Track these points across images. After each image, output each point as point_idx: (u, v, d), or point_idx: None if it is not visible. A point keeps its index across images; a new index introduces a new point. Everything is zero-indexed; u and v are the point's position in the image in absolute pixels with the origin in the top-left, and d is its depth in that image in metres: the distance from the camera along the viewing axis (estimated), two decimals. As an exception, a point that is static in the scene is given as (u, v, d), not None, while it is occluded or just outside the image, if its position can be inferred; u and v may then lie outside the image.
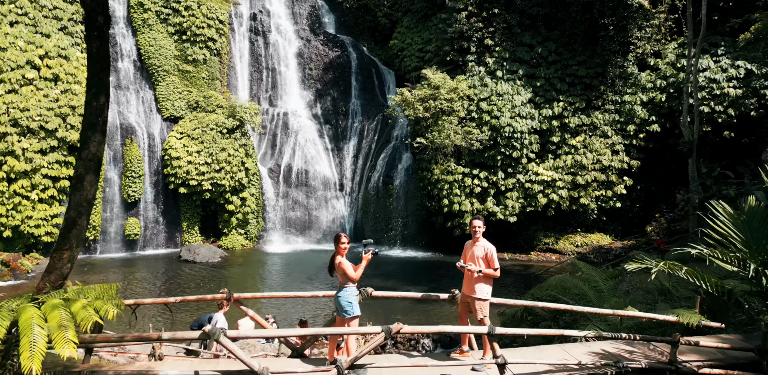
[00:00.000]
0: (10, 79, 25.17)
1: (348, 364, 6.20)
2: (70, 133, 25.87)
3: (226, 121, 29.33)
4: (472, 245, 7.36)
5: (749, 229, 6.15)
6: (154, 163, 29.05)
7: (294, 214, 30.91)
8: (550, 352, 7.51)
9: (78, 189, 6.08)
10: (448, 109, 27.05)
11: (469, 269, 7.14)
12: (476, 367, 6.83)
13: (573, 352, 7.41)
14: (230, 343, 5.74)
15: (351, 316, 6.75)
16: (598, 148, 27.28)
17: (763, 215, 6.17)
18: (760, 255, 5.88)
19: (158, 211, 29.01)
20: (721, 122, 25.53)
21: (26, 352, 4.47)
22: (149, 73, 30.02)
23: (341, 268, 6.88)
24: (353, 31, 36.00)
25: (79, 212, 6.10)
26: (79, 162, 5.97)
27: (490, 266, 7.09)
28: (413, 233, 29.15)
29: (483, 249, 7.19)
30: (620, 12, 26.47)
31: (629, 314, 7.79)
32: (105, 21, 5.93)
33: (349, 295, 6.82)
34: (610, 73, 27.41)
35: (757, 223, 6.15)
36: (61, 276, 5.71)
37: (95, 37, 5.93)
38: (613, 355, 7.18)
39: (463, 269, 7.26)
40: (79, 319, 4.81)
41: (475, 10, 28.51)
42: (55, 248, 5.91)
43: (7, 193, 24.74)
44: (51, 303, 4.89)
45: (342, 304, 6.79)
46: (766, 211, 6.17)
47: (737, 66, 25.40)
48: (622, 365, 6.83)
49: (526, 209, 27.45)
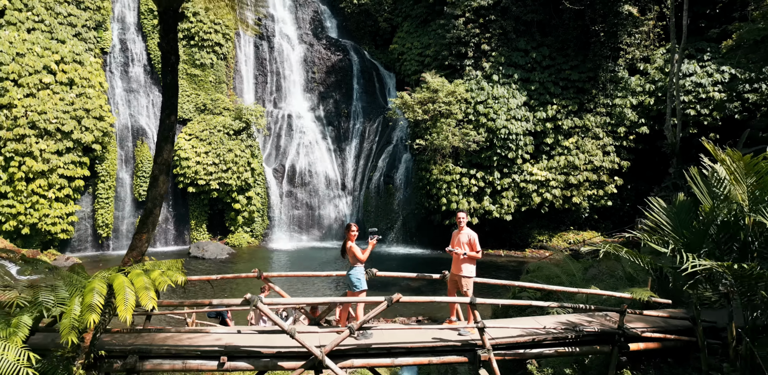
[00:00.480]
0: (28, 83, 26.87)
1: (357, 326, 7.90)
2: (85, 135, 27.55)
3: (232, 123, 31.04)
4: (457, 233, 9.05)
5: (678, 219, 7.82)
6: (164, 164, 30.71)
7: (298, 213, 32.61)
8: (523, 321, 9.22)
9: (154, 186, 7.82)
10: (447, 112, 28.73)
11: (456, 252, 8.84)
12: (462, 332, 8.53)
13: (542, 322, 9.10)
14: (265, 307, 7.44)
15: (359, 289, 8.44)
16: (590, 149, 28.96)
17: (689, 207, 7.86)
18: (681, 238, 7.55)
19: (168, 209, 30.70)
20: (706, 125, 27.22)
21: (121, 306, 6.15)
22: (159, 76, 31.71)
23: (351, 252, 8.57)
24: (355, 36, 37.70)
25: (154, 204, 7.82)
26: (155, 166, 7.70)
27: (473, 249, 8.78)
28: (413, 231, 30.85)
29: (467, 236, 8.88)
30: (611, 19, 28.17)
31: (591, 292, 9.48)
32: (176, 59, 7.63)
33: (358, 273, 8.51)
34: (602, 77, 29.10)
35: (684, 214, 7.81)
36: (141, 252, 7.42)
37: (168, 72, 7.66)
38: (574, 324, 8.88)
39: (451, 253, 8.95)
40: (157, 283, 6.48)
41: (472, 17, 30.20)
42: (136, 231, 7.62)
43: (26, 192, 26.42)
44: (135, 272, 6.56)
45: (352, 280, 8.48)
46: (690, 205, 7.85)
47: (722, 71, 27.09)
48: (580, 330, 8.54)
49: (521, 208, 29.13)
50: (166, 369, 7.49)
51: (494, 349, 8.13)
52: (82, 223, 28.60)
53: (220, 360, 7.55)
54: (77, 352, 6.52)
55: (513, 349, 8.42)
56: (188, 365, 7.55)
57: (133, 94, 31.20)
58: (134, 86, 31.32)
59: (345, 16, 37.64)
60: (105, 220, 28.92)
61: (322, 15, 37.93)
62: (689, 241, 7.42)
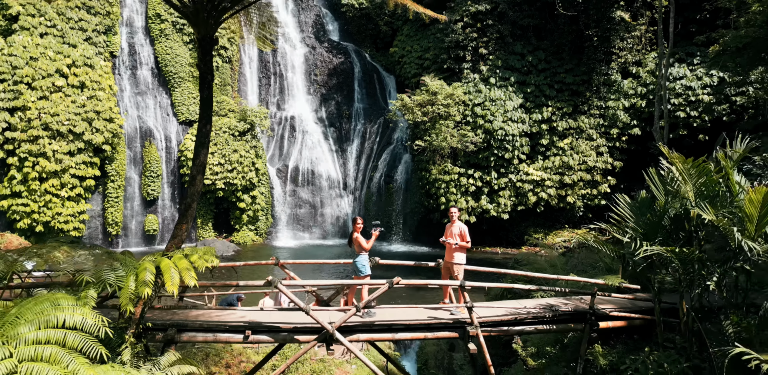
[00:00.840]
0: (42, 86, 28.26)
1: (362, 305, 9.28)
2: (95, 136, 28.93)
3: (237, 125, 32.43)
4: (450, 226, 10.44)
5: (638, 212, 9.18)
6: (171, 164, 32.15)
7: (301, 212, 34.01)
8: (508, 303, 10.61)
9: (192, 184, 9.23)
10: (445, 114, 30.12)
11: (448, 242, 10.22)
12: (453, 312, 9.92)
13: (525, 304, 10.50)
14: (285, 287, 8.83)
15: (364, 274, 9.82)
16: (584, 150, 30.34)
17: (649, 203, 9.22)
18: (640, 229, 8.91)
19: (175, 208, 32.11)
20: (696, 126, 28.62)
21: (168, 282, 7.53)
22: (166, 79, 33.14)
23: (357, 242, 9.97)
24: (356, 39, 39.10)
25: (192, 199, 9.22)
26: (193, 167, 9.09)
27: (463, 240, 10.17)
28: (413, 229, 32.26)
29: (458, 228, 10.27)
30: (604, 24, 29.57)
31: (569, 278, 10.88)
32: (211, 78, 9.02)
33: (363, 260, 9.90)
34: (595, 80, 30.50)
35: (643, 208, 9.17)
36: (181, 240, 8.81)
37: (205, 88, 9.05)
38: (552, 305, 10.27)
39: (444, 243, 10.34)
40: (197, 265, 7.87)
41: (470, 21, 31.59)
42: (177, 222, 9.02)
43: (39, 192, 27.82)
44: (177, 256, 7.93)
45: (358, 266, 9.87)
46: (649, 200, 9.21)
47: (711, 74, 28.48)
48: (556, 310, 9.94)
49: (517, 207, 30.52)
50: (199, 340, 8.90)
51: (481, 326, 9.52)
52: (93, 221, 29.99)
53: (245, 333, 8.94)
54: (129, 323, 7.92)
55: (498, 327, 9.82)
56: (218, 338, 8.96)
57: (141, 97, 32.61)
58: (142, 89, 32.72)
59: (346, 19, 39.02)
60: (115, 218, 30.30)
61: (323, 18, 39.32)
62: (646, 232, 8.80)
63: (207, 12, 8.59)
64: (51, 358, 5.73)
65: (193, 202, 9.27)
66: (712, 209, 7.89)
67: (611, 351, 9.72)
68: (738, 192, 8.27)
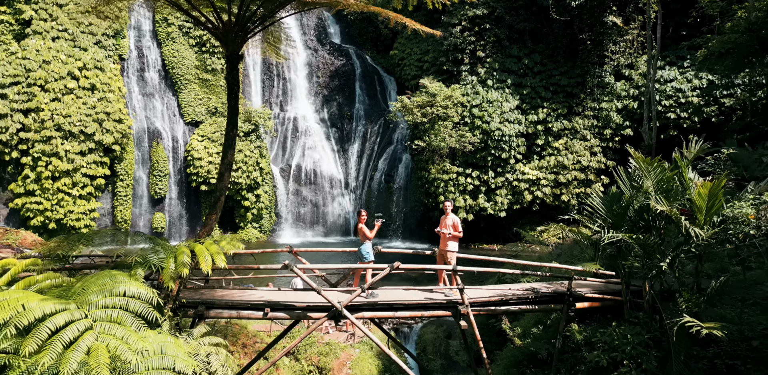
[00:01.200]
0: (54, 88, 29.76)
1: (367, 286, 10.74)
2: (105, 137, 30.43)
3: (242, 125, 33.91)
4: (444, 218, 11.90)
5: (609, 205, 10.63)
6: (178, 164, 33.64)
7: (303, 210, 35.49)
8: (496, 286, 12.08)
9: (220, 180, 10.72)
10: (444, 115, 31.60)
11: (443, 232, 11.68)
12: (447, 293, 11.37)
13: (512, 287, 11.97)
14: (299, 270, 10.29)
15: (368, 260, 11.28)
16: (578, 150, 31.83)
17: (619, 197, 10.67)
18: (609, 219, 10.36)
19: (181, 206, 33.59)
20: (686, 127, 30.07)
21: (202, 262, 8.99)
22: (173, 81, 34.63)
23: (362, 231, 11.43)
24: (357, 41, 40.59)
25: (221, 193, 10.71)
26: (221, 165, 10.58)
27: (456, 230, 11.63)
28: (413, 227, 33.72)
29: (452, 220, 11.73)
30: (597, 28, 31.07)
31: (552, 265, 12.33)
32: (237, 88, 10.47)
33: (367, 247, 11.36)
34: (589, 82, 31.99)
35: (613, 202, 10.62)
36: (210, 228, 10.29)
37: (232, 98, 10.52)
38: (534, 288, 11.74)
39: (439, 233, 11.80)
40: (225, 249, 9.35)
41: (468, 25, 33.09)
42: (207, 214, 10.46)
43: (52, 190, 29.32)
44: (208, 242, 9.40)
45: (362, 253, 11.32)
46: (618, 195, 10.67)
47: (700, 77, 29.96)
48: (538, 292, 11.40)
49: (513, 205, 31.99)
50: (224, 316, 10.37)
51: (471, 306, 10.97)
52: (103, 218, 31.47)
53: (265, 311, 10.39)
54: (167, 298, 9.40)
55: (486, 307, 11.27)
56: (241, 314, 10.42)
57: (149, 98, 34.10)
58: (150, 90, 34.20)
59: (348, 22, 40.50)
60: (123, 216, 31.78)
61: (325, 21, 40.80)
62: (614, 222, 10.26)
63: (235, 33, 10.05)
64: (117, 319, 7.20)
65: (221, 195, 10.78)
66: (666, 201, 9.34)
67: (586, 328, 11.17)
68: (690, 187, 9.72)
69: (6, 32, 30.21)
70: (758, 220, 8.83)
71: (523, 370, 12.02)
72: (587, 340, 10.85)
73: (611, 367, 9.89)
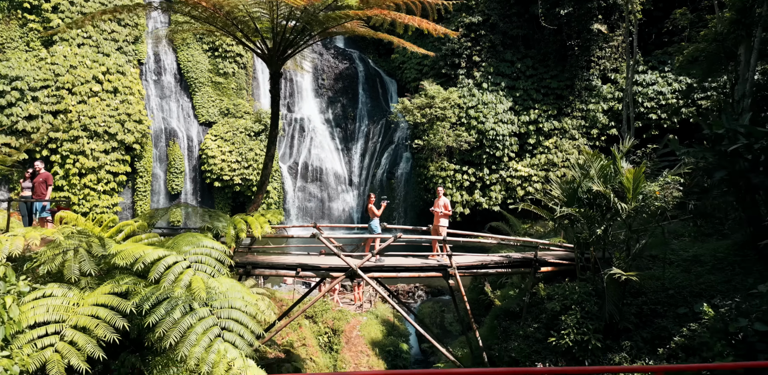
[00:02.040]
0: (80, 91, 33.27)
1: (376, 252, 14.24)
2: (127, 136, 33.93)
3: (252, 126, 37.43)
4: (437, 200, 15.44)
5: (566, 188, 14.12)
6: (193, 161, 37.15)
7: (310, 205, 38.99)
8: (478, 254, 15.60)
9: (266, 168, 14.25)
10: (442, 116, 35.13)
11: (436, 211, 15.21)
12: (439, 260, 14.89)
13: (492, 256, 15.49)
14: (324, 239, 13.79)
15: (377, 232, 14.79)
16: (567, 148, 35.35)
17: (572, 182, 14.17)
18: (563, 199, 13.84)
19: (196, 201, 37.08)
20: (666, 127, 33.62)
21: (255, 229, 12.50)
22: (187, 84, 38.16)
23: (371, 210, 14.95)
24: (360, 45, 44.14)
25: (265, 178, 14.24)
26: (266, 157, 14.07)
27: (446, 209, 15.14)
28: (413, 221, 37.16)
29: (443, 201, 15.26)
30: (584, 35, 34.61)
31: (525, 239, 15.85)
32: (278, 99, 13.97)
33: (376, 223, 14.88)
34: (577, 85, 35.53)
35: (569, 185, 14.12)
36: (258, 205, 13.82)
37: (274, 106, 13.97)
38: (509, 256, 15.26)
39: (433, 211, 15.33)
40: (273, 220, 12.87)
41: (465, 31, 36.63)
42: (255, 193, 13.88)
43: (79, 186, 32.79)
44: (257, 215, 12.91)
45: (372, 227, 14.83)
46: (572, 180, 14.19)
47: (679, 81, 33.51)
48: (511, 258, 14.92)
49: (507, 200, 35.49)
50: (266, 274, 13.88)
51: (458, 269, 14.48)
52: (124, 212, 34.96)
53: (297, 270, 13.89)
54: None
55: (469, 269, 14.79)
56: (278, 273, 13.95)
57: (165, 100, 37.62)
58: (166, 93, 37.74)
59: (351, 27, 43.98)
60: (143, 210, 35.25)
61: (330, 26, 44.31)
62: (567, 200, 13.78)
63: (278, 55, 13.52)
64: (205, 262, 10.68)
65: (265, 180, 14.30)
66: (602, 184, 12.83)
67: (549, 286, 14.67)
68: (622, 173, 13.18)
69: (35, 39, 33.76)
70: (664, 196, 12.31)
71: (500, 322, 15.50)
72: (549, 296, 14.35)
73: (563, 312, 13.37)
